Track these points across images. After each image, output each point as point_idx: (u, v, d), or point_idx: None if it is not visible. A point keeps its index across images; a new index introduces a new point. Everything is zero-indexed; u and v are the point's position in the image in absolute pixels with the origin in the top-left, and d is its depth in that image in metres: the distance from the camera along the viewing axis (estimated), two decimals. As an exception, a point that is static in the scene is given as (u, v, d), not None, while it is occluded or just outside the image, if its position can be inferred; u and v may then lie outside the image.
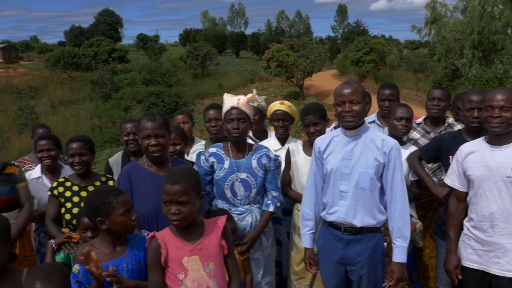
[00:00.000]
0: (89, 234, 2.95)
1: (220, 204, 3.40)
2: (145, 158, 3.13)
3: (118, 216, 2.41)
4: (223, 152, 3.39)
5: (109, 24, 79.94)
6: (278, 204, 3.44)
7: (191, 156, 4.05)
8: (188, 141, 4.15)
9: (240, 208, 3.35)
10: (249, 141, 3.70)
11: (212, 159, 3.37)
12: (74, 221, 3.20)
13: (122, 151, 4.17)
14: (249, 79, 50.97)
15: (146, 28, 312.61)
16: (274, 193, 3.44)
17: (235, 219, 3.32)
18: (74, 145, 3.32)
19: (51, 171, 3.93)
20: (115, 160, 4.09)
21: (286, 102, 4.11)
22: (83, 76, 48.86)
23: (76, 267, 2.42)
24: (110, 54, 53.45)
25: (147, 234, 2.73)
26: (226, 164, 3.34)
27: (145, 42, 69.09)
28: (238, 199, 3.35)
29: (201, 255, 2.40)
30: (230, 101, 3.31)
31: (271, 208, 3.39)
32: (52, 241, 3.11)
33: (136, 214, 2.56)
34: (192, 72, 51.33)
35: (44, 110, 37.54)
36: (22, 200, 3.52)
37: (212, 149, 3.43)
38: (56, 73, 50.55)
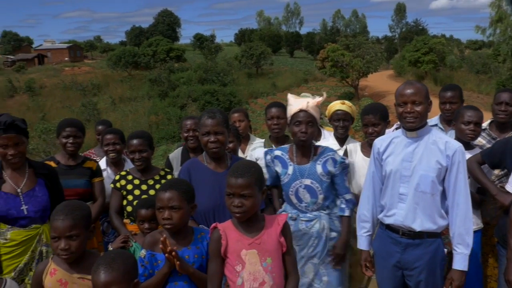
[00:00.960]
0: (146, 225, 3.07)
1: (288, 209, 3.33)
2: (205, 155, 3.15)
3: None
4: (287, 156, 3.32)
5: (168, 24, 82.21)
6: (352, 207, 3.33)
7: (250, 154, 4.07)
8: (242, 139, 4.18)
9: (308, 215, 3.27)
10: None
11: (277, 162, 3.34)
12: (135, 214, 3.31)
13: (181, 147, 4.27)
14: (303, 79, 50.78)
15: (202, 28, 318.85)
16: (347, 196, 3.32)
17: (303, 225, 3.26)
18: (135, 141, 3.43)
19: (116, 164, 4.12)
20: (175, 156, 4.20)
21: (347, 102, 4.04)
22: (142, 74, 50.67)
23: (143, 252, 2.56)
24: (168, 53, 55.03)
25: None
26: (290, 169, 3.28)
27: (202, 41, 70.61)
28: (304, 206, 3.28)
29: (259, 249, 2.41)
30: (298, 103, 3.23)
31: (347, 213, 3.30)
32: (110, 246, 3.31)
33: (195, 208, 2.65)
34: (247, 71, 51.84)
35: (105, 106, 39.31)
36: (96, 194, 3.70)
37: (277, 152, 3.37)
38: (117, 71, 52.76)
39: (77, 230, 2.31)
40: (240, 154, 4.12)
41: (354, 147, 3.78)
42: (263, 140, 4.27)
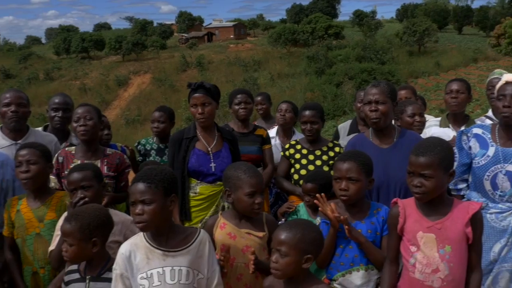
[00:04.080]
0: (307, 198, 3.19)
1: (474, 196, 2.94)
2: (371, 130, 3.02)
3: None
4: (489, 136, 2.90)
5: (327, 1, 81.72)
6: None
7: (424, 132, 3.83)
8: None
9: (500, 205, 2.84)
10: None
11: (474, 141, 2.96)
12: (301, 182, 3.49)
13: (352, 119, 4.42)
14: (471, 58, 46.18)
15: (362, 4, 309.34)
16: None
17: (493, 217, 2.85)
18: (307, 112, 3.58)
19: (284, 133, 4.36)
20: (344, 126, 4.38)
21: None
22: (300, 51, 51.69)
23: (318, 220, 2.69)
24: (327, 31, 55.01)
25: None
26: (491, 151, 2.85)
27: (361, 18, 68.82)
28: (499, 195, 2.84)
29: (438, 234, 2.23)
30: (506, 76, 2.89)
31: None
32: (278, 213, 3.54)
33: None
34: (408, 49, 49.16)
35: (264, 82, 41.29)
36: (266, 161, 3.93)
37: (477, 130, 2.98)
38: (276, 48, 54.71)
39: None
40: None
41: None
42: (439, 118, 4.05)
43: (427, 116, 4.20)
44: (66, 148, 3.29)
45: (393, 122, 3.18)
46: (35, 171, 2.76)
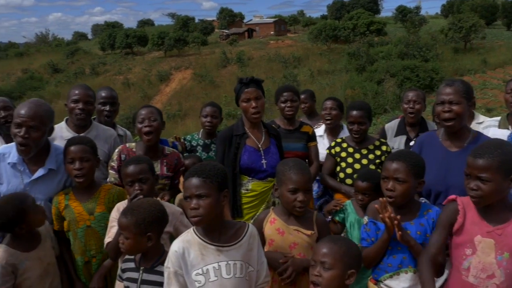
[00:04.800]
0: (359, 197, 3.16)
1: None
2: (442, 130, 2.91)
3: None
4: None
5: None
6: None
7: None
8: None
9: None
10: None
11: None
12: (347, 181, 3.55)
13: (399, 119, 4.36)
14: (521, 55, 44.19)
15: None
16: None
17: None
18: (354, 113, 3.56)
19: (332, 130, 4.40)
20: (391, 126, 4.33)
21: None
22: (340, 48, 51.07)
23: (365, 219, 2.63)
24: (368, 27, 54.03)
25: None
26: None
27: (404, 14, 67.16)
28: None
29: (498, 240, 2.14)
30: None
31: None
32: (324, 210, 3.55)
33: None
34: (453, 46, 47.56)
35: (304, 78, 41.08)
36: (312, 158, 3.90)
37: None
38: (317, 45, 54.22)
39: (311, 183, 2.63)
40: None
41: None
42: (498, 118, 3.89)
43: (482, 117, 4.06)
44: (127, 145, 3.40)
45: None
46: (88, 167, 2.86)
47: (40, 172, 2.93)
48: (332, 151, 3.71)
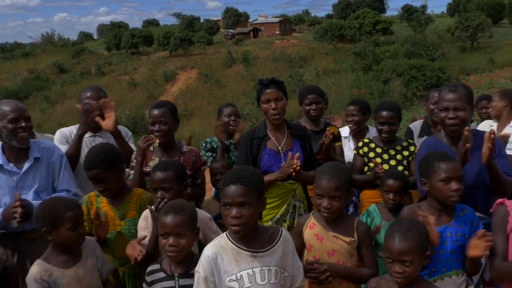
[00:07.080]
0: (391, 196, 3.15)
1: None
2: (443, 133, 2.95)
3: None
4: None
5: (375, -5, 79.89)
6: None
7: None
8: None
9: None
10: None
11: None
12: (377, 181, 3.50)
13: (422, 120, 4.35)
14: (529, 54, 43.97)
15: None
16: None
17: None
18: (385, 113, 3.52)
19: (357, 134, 4.34)
20: (415, 126, 4.32)
21: None
22: (346, 47, 50.98)
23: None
24: (374, 26, 53.83)
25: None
26: None
27: (410, 13, 66.88)
28: None
29: None
30: None
31: None
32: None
33: None
34: (460, 45, 47.39)
35: (310, 78, 41.00)
36: (336, 157, 3.89)
37: None
38: (322, 44, 54.16)
39: (340, 191, 2.42)
40: None
41: None
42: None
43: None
44: None
45: None
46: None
47: (27, 164, 3.01)
48: (360, 151, 3.68)
